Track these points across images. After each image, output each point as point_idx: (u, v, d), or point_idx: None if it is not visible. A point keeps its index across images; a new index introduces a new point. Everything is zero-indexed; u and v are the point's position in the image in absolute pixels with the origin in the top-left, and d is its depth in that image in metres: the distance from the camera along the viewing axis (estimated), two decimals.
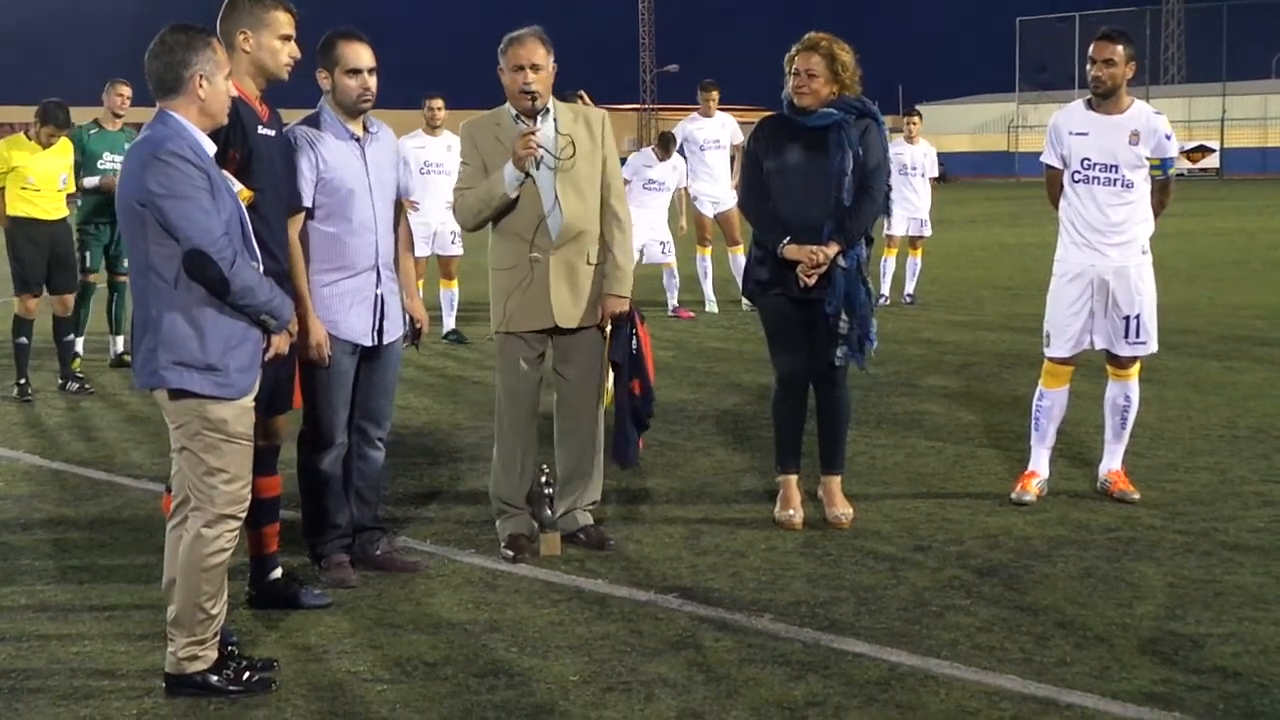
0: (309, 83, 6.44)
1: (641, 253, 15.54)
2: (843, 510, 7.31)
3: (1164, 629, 5.71)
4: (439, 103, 14.25)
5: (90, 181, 12.29)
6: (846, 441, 7.55)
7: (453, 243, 14.24)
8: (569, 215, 6.76)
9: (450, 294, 14.57)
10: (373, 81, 6.39)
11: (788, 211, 7.14)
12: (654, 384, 7.22)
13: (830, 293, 7.11)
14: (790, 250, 7.09)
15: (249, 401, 5.23)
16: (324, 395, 6.39)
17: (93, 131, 12.50)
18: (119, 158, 12.54)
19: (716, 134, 16.74)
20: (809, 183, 7.13)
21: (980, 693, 5.11)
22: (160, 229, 4.99)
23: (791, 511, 7.32)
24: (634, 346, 7.00)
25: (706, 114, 16.88)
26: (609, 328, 6.94)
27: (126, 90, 12.85)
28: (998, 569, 6.52)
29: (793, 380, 7.41)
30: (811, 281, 7.08)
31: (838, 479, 7.42)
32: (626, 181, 15.33)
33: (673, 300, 16.48)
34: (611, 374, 7.06)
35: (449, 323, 14.58)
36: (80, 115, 12.74)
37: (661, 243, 16.10)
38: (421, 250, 14.12)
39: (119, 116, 12.81)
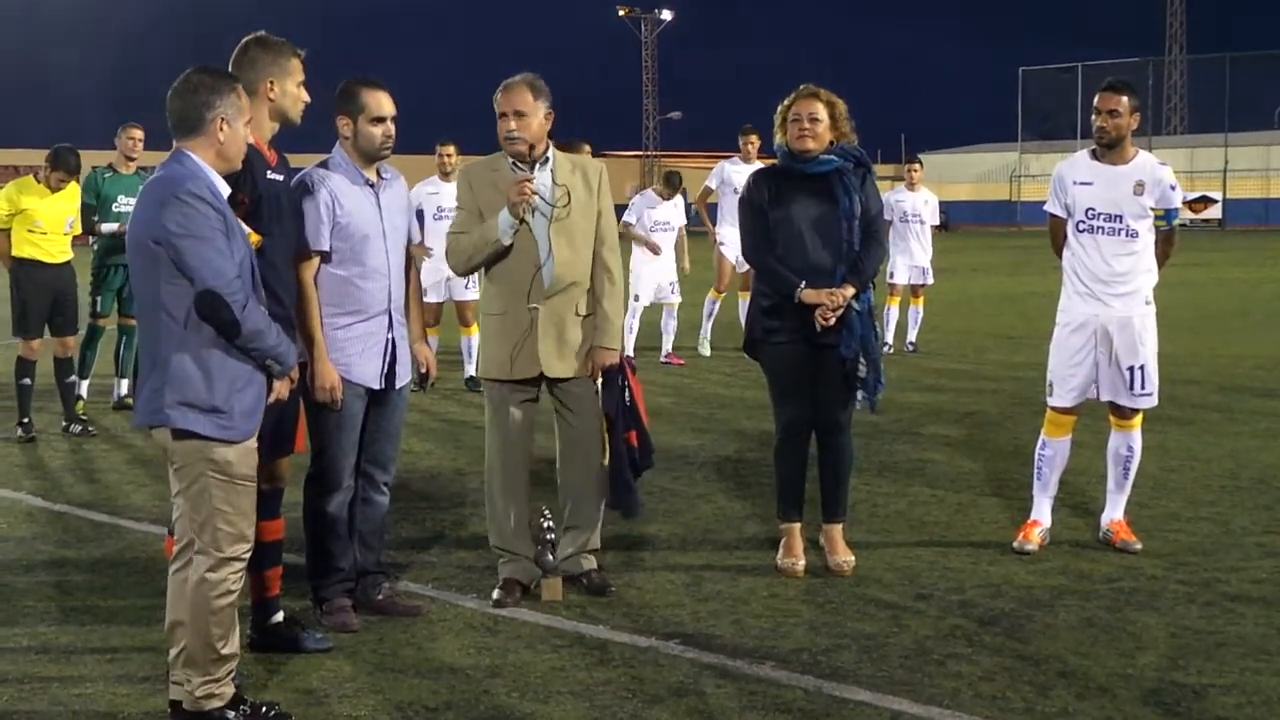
0: (313, 126, 6.47)
1: (650, 292, 15.64)
2: (844, 558, 7.31)
3: (1166, 679, 5.70)
4: (451, 149, 14.25)
5: (108, 227, 12.29)
6: (849, 489, 7.54)
7: (467, 288, 14.20)
8: (560, 266, 6.79)
9: (469, 340, 14.49)
10: (393, 129, 6.46)
11: (798, 258, 7.17)
12: (650, 433, 7.15)
13: (847, 336, 7.15)
14: (809, 295, 7.09)
15: (252, 443, 5.25)
16: (334, 439, 6.40)
17: (107, 175, 12.54)
18: (134, 200, 12.56)
19: None
20: (818, 229, 7.18)
21: None
22: (173, 268, 5.01)
23: (794, 559, 7.32)
24: (627, 398, 6.95)
25: (747, 159, 16.73)
26: (599, 380, 6.92)
27: (139, 133, 12.90)
28: (1000, 618, 6.52)
29: (797, 428, 7.42)
30: (830, 323, 7.10)
31: (839, 527, 7.42)
32: (628, 225, 15.43)
33: (667, 346, 16.46)
34: (605, 425, 6.98)
35: (470, 369, 14.51)
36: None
37: (671, 283, 16.12)
38: (437, 296, 14.15)
39: (132, 160, 12.85)
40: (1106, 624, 6.42)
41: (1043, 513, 7.89)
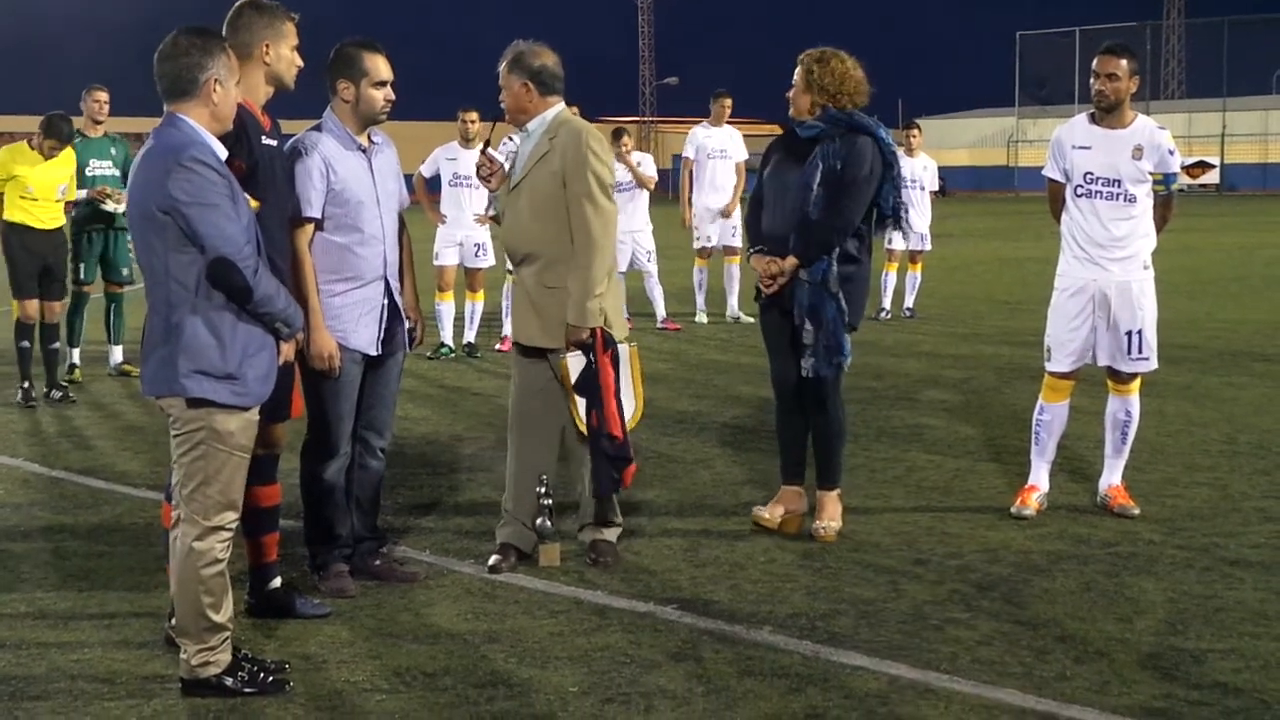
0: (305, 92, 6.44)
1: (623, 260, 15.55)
2: (824, 523, 7.29)
3: (1164, 644, 5.71)
4: (473, 115, 14.14)
5: (79, 194, 12.26)
6: (840, 457, 7.50)
7: (477, 255, 14.20)
8: (508, 236, 6.82)
9: (474, 306, 14.51)
10: (392, 94, 6.46)
11: (767, 221, 7.32)
12: (613, 417, 6.78)
13: (794, 305, 7.17)
14: (753, 261, 7.31)
15: (255, 414, 5.25)
16: (331, 405, 6.39)
17: (77, 142, 12.45)
18: (105, 164, 12.56)
19: (724, 144, 16.67)
20: (782, 194, 7.24)
21: (980, 706, 5.10)
22: (182, 236, 4.98)
23: (764, 508, 7.46)
24: (593, 374, 6.72)
25: (717, 123, 16.80)
26: (566, 355, 6.72)
27: (104, 95, 12.84)
28: (997, 583, 6.52)
29: (781, 390, 7.51)
30: (767, 292, 7.23)
31: (830, 493, 7.40)
32: None
33: (660, 312, 16.45)
34: (583, 401, 6.78)
35: (469, 335, 14.53)
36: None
37: (648, 251, 16.04)
38: (452, 259, 14.22)
39: (99, 123, 12.78)
40: (1104, 589, 6.42)
41: (1040, 478, 7.89)
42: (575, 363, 6.68)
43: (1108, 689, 5.25)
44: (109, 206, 12.35)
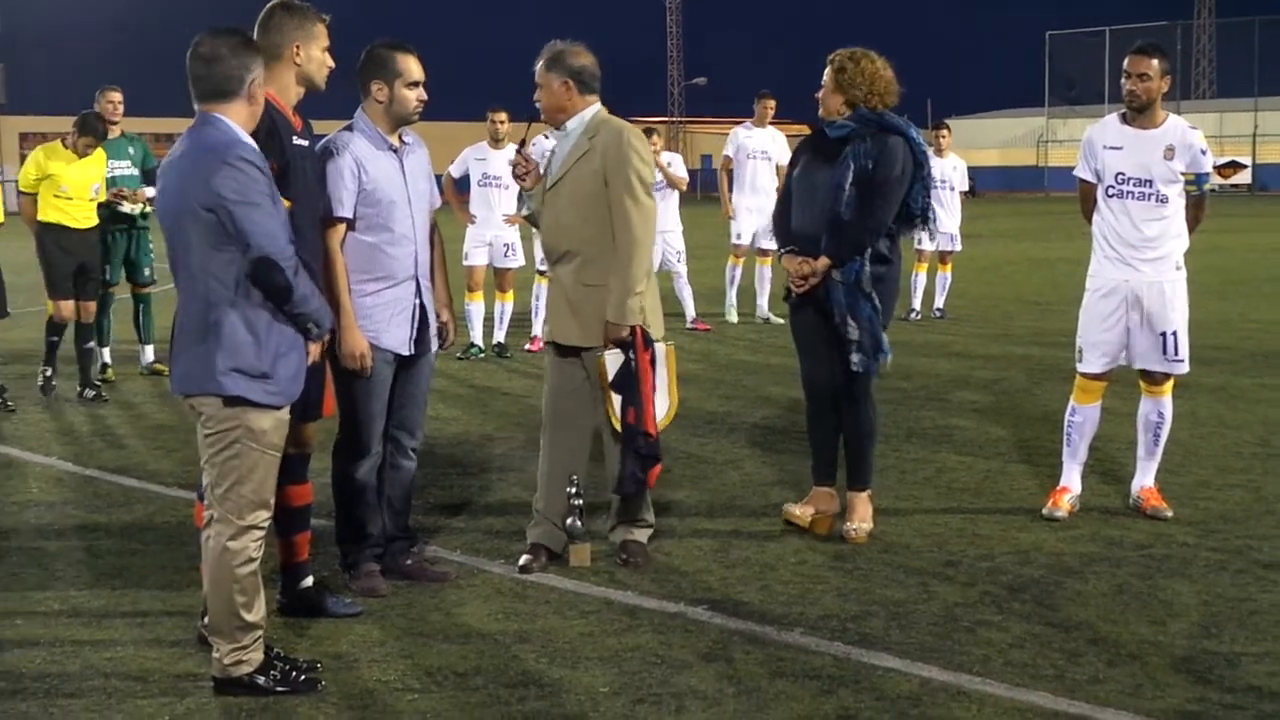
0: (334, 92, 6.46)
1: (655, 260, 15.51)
2: (855, 525, 7.28)
3: (1198, 647, 5.68)
4: (503, 116, 14.14)
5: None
6: (871, 458, 7.49)
7: (506, 255, 14.22)
8: (547, 234, 6.82)
9: (503, 306, 14.53)
10: (424, 94, 6.48)
11: (796, 221, 7.31)
12: (650, 415, 6.81)
13: (830, 305, 7.16)
14: (785, 261, 7.32)
15: (286, 414, 5.27)
16: (363, 404, 6.41)
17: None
18: (124, 164, 12.60)
19: (766, 145, 16.60)
20: (812, 194, 7.23)
21: (1012, 709, 5.09)
22: (224, 235, 5.00)
23: (796, 506, 7.44)
24: (632, 372, 6.74)
25: (760, 124, 16.71)
26: (604, 353, 6.74)
27: (118, 96, 12.85)
28: (1029, 585, 6.50)
29: (812, 391, 7.51)
30: (799, 292, 7.23)
31: (861, 494, 7.39)
32: None
33: (690, 312, 16.44)
34: (619, 399, 6.80)
35: (499, 335, 14.56)
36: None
37: (678, 252, 16.03)
38: (481, 259, 14.24)
39: (113, 124, 12.82)
40: (1137, 591, 6.39)
41: (1072, 479, 7.86)
42: (613, 360, 6.70)
43: (1141, 692, 5.23)
44: (126, 208, 12.40)
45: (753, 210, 16.63)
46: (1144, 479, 7.82)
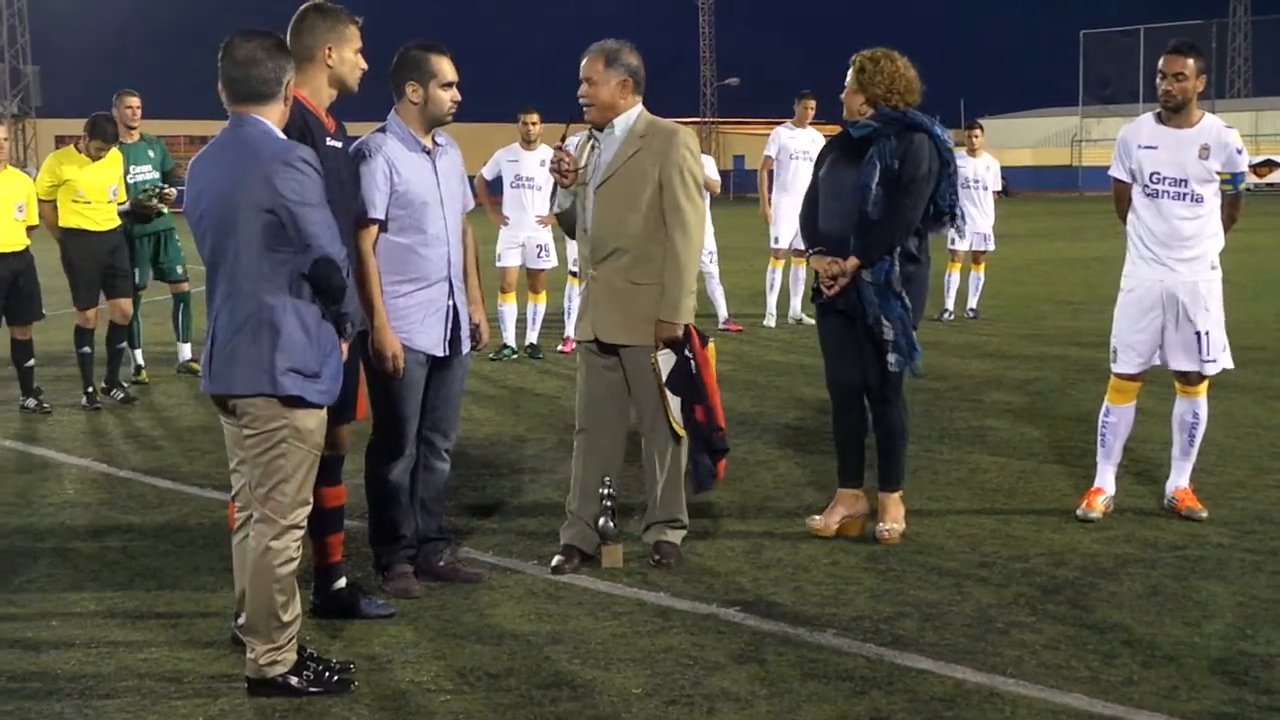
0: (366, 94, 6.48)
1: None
2: (887, 526, 7.27)
3: (1234, 648, 5.65)
4: (535, 117, 14.15)
5: (122, 207, 12.31)
6: (902, 459, 7.45)
7: (539, 256, 14.24)
8: (600, 232, 6.78)
9: (535, 308, 14.56)
10: (459, 95, 6.50)
11: (823, 221, 7.30)
12: (720, 409, 6.92)
13: (861, 305, 7.15)
14: (813, 261, 7.31)
15: (325, 413, 5.29)
16: (396, 406, 6.43)
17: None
18: (144, 168, 12.64)
19: (807, 146, 16.46)
20: (839, 194, 7.22)
21: (1046, 711, 5.07)
22: (281, 235, 5.03)
23: (819, 516, 7.40)
24: (693, 371, 6.78)
25: (801, 124, 16.56)
26: (660, 353, 6.77)
27: (135, 101, 12.88)
28: (1063, 586, 6.47)
29: (835, 392, 7.50)
30: (830, 293, 7.20)
31: (893, 496, 7.36)
32: None
33: (722, 313, 16.42)
34: (676, 399, 6.81)
35: (531, 336, 14.58)
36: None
37: (709, 252, 15.98)
38: (514, 260, 14.26)
39: (132, 128, 12.85)
40: (1172, 592, 6.36)
41: (1106, 480, 7.82)
42: (666, 360, 6.71)
43: (1176, 694, 5.20)
44: (159, 207, 12.43)
45: (793, 212, 16.54)
46: (1179, 479, 7.78)
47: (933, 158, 7.11)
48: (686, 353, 6.74)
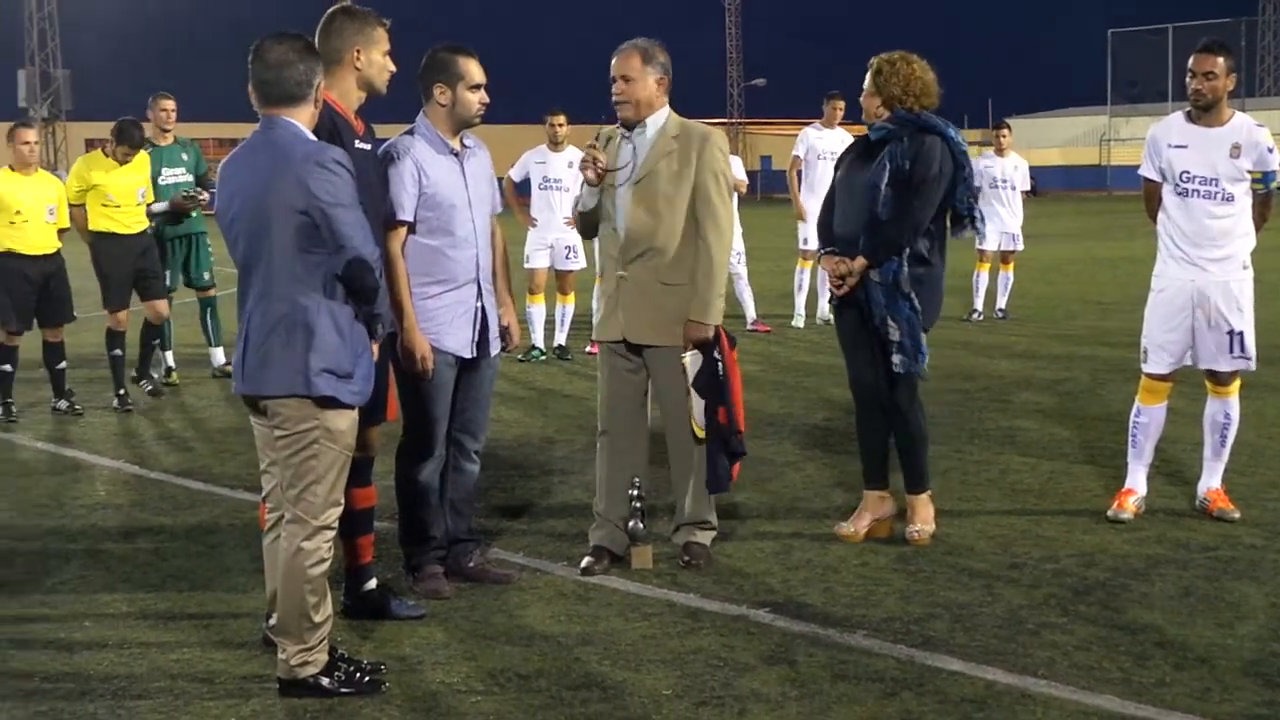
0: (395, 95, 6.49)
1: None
2: (917, 527, 7.25)
3: (1266, 650, 5.62)
4: (561, 119, 14.15)
5: (160, 205, 12.39)
6: (924, 460, 7.41)
7: (568, 258, 14.25)
8: (633, 231, 6.76)
9: (564, 309, 14.58)
10: (486, 97, 6.51)
11: (838, 222, 7.33)
12: (741, 413, 6.90)
13: (870, 307, 7.16)
14: (823, 261, 7.37)
15: (356, 414, 5.31)
16: (425, 407, 6.44)
17: (149, 150, 12.54)
18: (178, 171, 12.70)
19: (836, 147, 16.35)
20: (851, 195, 7.24)
21: (1078, 712, 5.06)
22: (315, 237, 5.05)
23: (846, 524, 7.37)
24: (719, 372, 6.78)
25: (829, 124, 16.46)
26: (688, 353, 6.78)
27: (170, 104, 12.98)
28: (1094, 587, 6.45)
29: (857, 393, 7.51)
30: (838, 293, 7.26)
31: (919, 497, 7.34)
32: None
33: (750, 314, 16.41)
34: (700, 400, 6.81)
35: (560, 337, 14.60)
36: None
37: (737, 253, 15.97)
38: (543, 262, 14.30)
39: (166, 131, 12.94)
40: (1204, 593, 6.33)
41: (1138, 481, 7.79)
42: (693, 361, 6.71)
43: (1208, 696, 5.18)
44: (194, 207, 12.49)
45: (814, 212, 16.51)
46: (1211, 480, 7.75)
47: (945, 160, 7.10)
48: (715, 354, 6.74)
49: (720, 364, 6.75)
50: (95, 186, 11.76)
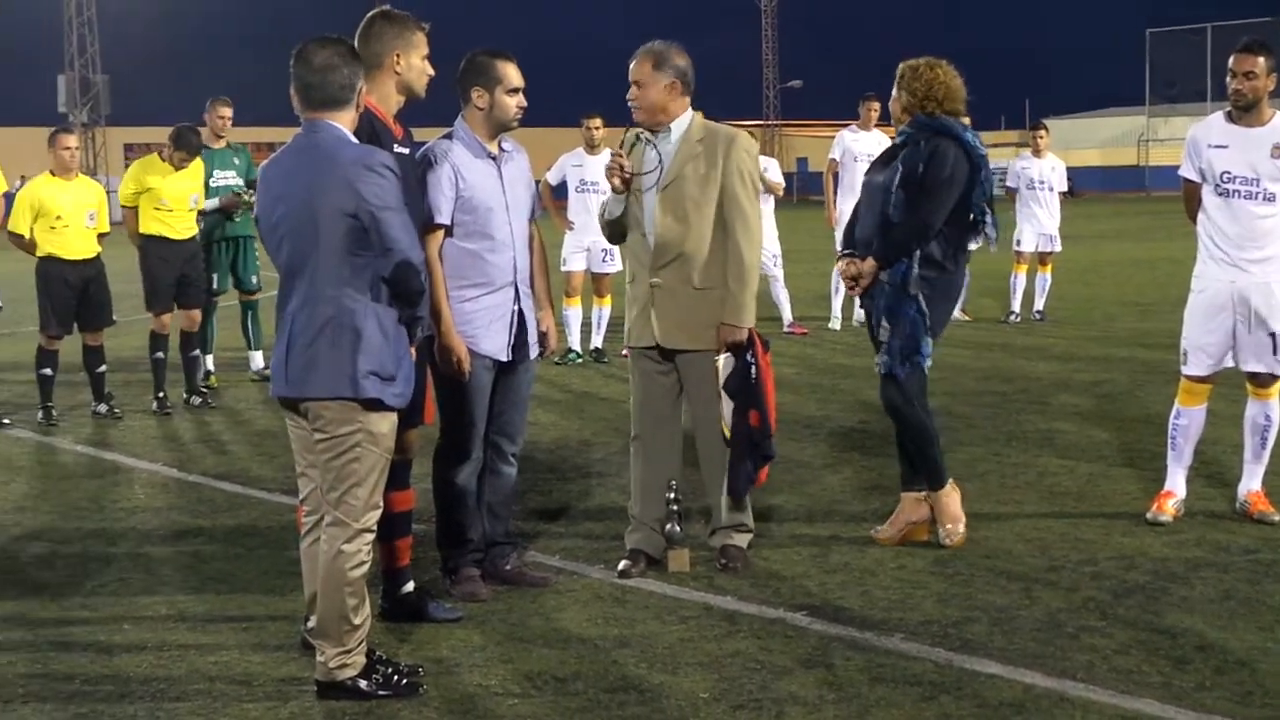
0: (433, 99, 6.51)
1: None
2: (945, 527, 7.22)
3: None
4: (597, 121, 14.16)
5: (211, 203, 12.51)
6: (934, 459, 7.28)
7: (604, 261, 14.25)
8: (662, 237, 6.75)
9: (601, 312, 14.60)
10: (524, 100, 6.53)
11: (859, 226, 7.39)
12: (774, 415, 6.90)
13: (874, 306, 7.21)
14: (839, 263, 7.46)
15: (396, 416, 5.33)
16: (463, 410, 6.46)
17: (203, 152, 12.63)
18: (229, 174, 12.81)
19: (872, 148, 16.26)
20: (869, 200, 7.30)
21: (1117, 717, 5.03)
22: (363, 240, 5.08)
23: (883, 528, 7.36)
24: (752, 375, 6.76)
25: (865, 127, 16.41)
26: (721, 356, 6.77)
27: (228, 111, 13.14)
28: (1134, 590, 6.41)
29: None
30: (852, 293, 7.43)
31: (937, 494, 7.26)
32: None
33: (787, 316, 16.38)
34: (729, 403, 6.81)
35: (597, 340, 14.61)
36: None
37: (773, 255, 15.97)
38: (579, 265, 14.34)
39: (221, 137, 13.06)
40: (1245, 596, 6.29)
41: (1177, 483, 7.74)
42: (725, 364, 6.71)
43: (1249, 700, 5.14)
44: (243, 207, 12.56)
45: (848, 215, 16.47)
46: (1251, 482, 7.69)
47: (959, 163, 7.09)
48: (749, 357, 6.73)
49: (754, 366, 6.74)
50: (149, 190, 11.86)
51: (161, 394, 11.84)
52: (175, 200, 11.91)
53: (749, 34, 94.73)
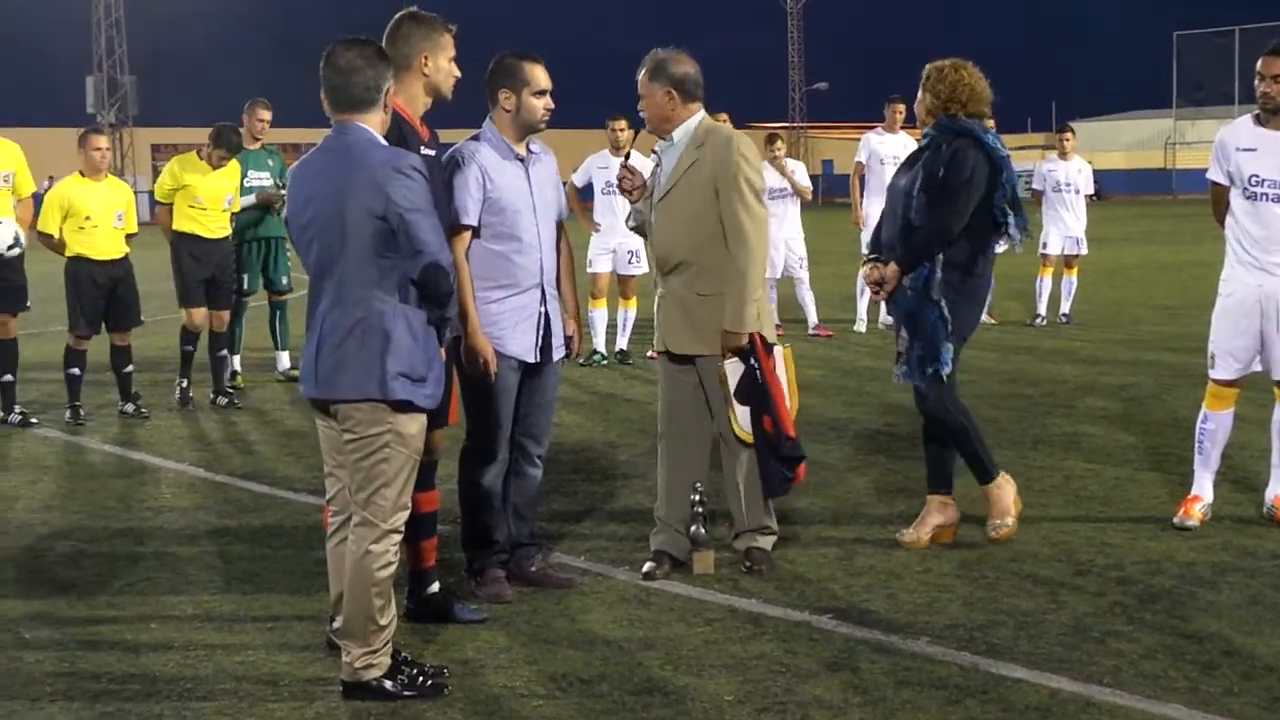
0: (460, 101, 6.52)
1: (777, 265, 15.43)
2: (994, 521, 7.24)
3: None
4: (622, 123, 14.12)
5: (246, 200, 12.59)
6: (980, 455, 7.27)
7: (630, 262, 14.26)
8: (660, 244, 6.79)
9: (627, 314, 14.61)
10: (552, 103, 6.53)
11: (884, 230, 7.37)
12: (787, 418, 6.80)
13: (895, 311, 7.23)
14: (863, 267, 7.46)
15: (425, 417, 5.34)
16: (489, 411, 6.47)
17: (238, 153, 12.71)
18: (263, 175, 12.89)
19: (898, 151, 16.17)
20: (893, 204, 7.27)
21: None
22: (392, 242, 5.09)
23: (908, 531, 7.34)
24: (759, 380, 6.73)
25: (891, 129, 16.34)
26: (724, 362, 6.73)
27: (267, 115, 13.20)
28: (1160, 595, 6.39)
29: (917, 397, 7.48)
30: (876, 298, 7.40)
31: (987, 489, 7.28)
32: None
33: (812, 318, 16.37)
34: (743, 408, 6.75)
35: (621, 342, 14.62)
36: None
37: (800, 257, 15.97)
38: (605, 266, 14.36)
39: (258, 139, 13.13)
40: (1272, 602, 6.26)
41: (1204, 488, 7.71)
42: (733, 370, 6.69)
43: (1277, 706, 5.12)
44: (279, 203, 12.62)
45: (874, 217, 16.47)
46: (1278, 487, 7.66)
47: (979, 165, 7.06)
48: (752, 362, 6.71)
49: (758, 372, 6.71)
50: (185, 187, 11.95)
51: (185, 383, 11.93)
52: (210, 199, 11.99)
53: (775, 36, 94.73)
